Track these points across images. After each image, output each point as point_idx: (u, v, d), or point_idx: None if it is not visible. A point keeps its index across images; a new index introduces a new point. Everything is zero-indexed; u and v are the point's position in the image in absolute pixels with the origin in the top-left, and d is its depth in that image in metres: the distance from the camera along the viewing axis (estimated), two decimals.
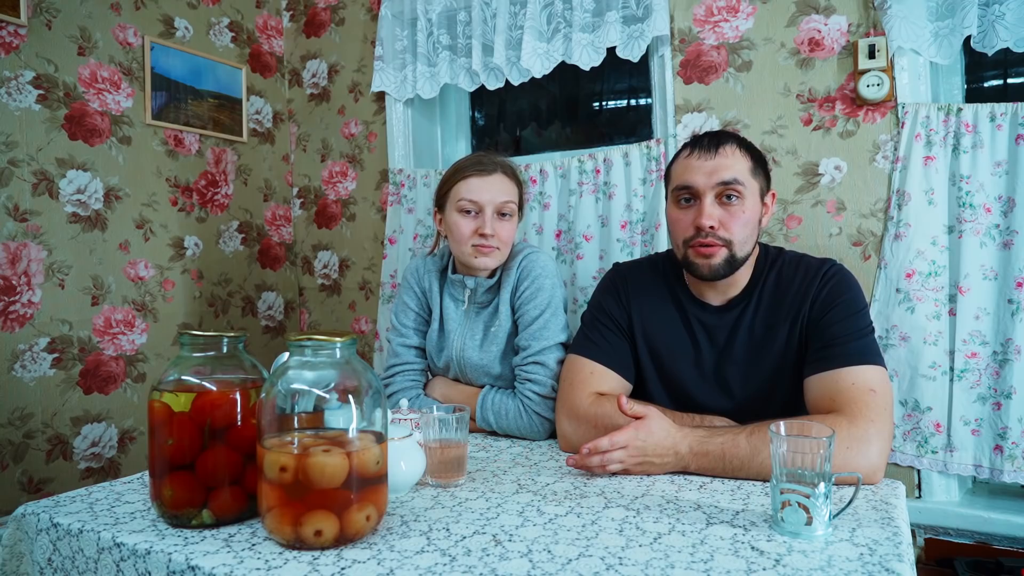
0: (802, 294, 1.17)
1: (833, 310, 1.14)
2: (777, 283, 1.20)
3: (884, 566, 0.72)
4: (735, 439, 1.03)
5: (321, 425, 0.81)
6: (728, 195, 1.14)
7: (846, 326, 1.12)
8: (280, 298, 2.51)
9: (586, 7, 1.87)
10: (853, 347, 1.10)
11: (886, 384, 1.08)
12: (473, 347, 1.41)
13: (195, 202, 2.21)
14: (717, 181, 1.14)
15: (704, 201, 1.15)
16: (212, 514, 0.85)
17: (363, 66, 2.36)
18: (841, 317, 1.13)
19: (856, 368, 1.08)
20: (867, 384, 1.06)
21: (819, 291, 1.16)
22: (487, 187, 1.38)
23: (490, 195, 1.37)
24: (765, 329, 1.19)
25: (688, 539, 0.79)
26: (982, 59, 1.61)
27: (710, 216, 1.14)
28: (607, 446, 1.04)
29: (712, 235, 1.14)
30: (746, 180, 1.15)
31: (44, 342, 1.82)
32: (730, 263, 1.15)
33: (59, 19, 1.86)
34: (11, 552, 0.94)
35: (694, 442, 1.04)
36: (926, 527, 1.57)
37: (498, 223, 1.37)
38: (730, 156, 1.15)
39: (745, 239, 1.16)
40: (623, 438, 1.04)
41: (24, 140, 1.79)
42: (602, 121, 2.18)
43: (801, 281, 1.18)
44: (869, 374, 1.07)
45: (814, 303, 1.16)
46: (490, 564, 0.73)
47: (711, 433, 1.05)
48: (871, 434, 1.01)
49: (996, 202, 1.50)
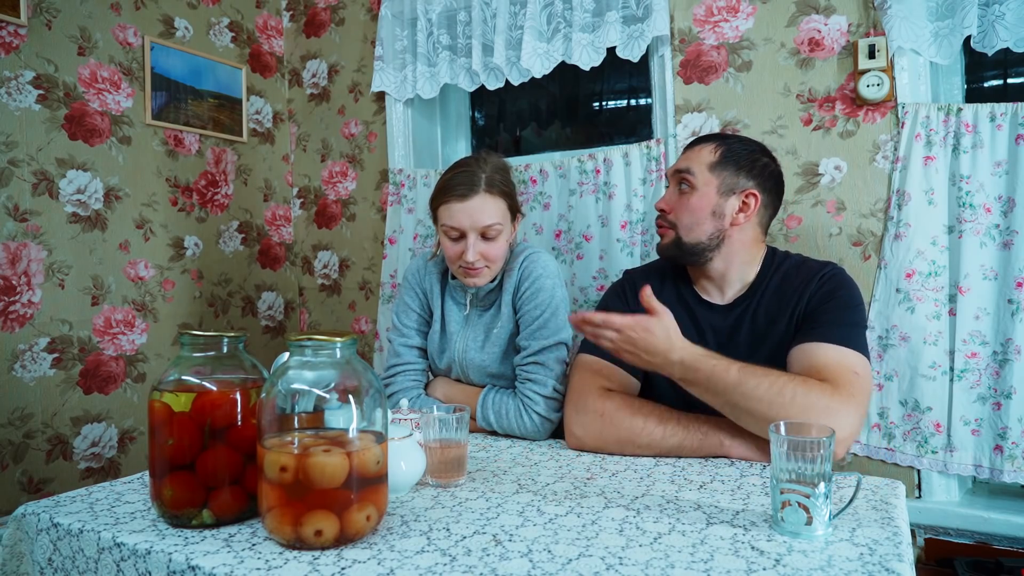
0: (800, 290, 1.21)
1: (828, 302, 1.17)
2: (780, 282, 1.25)
3: (884, 566, 0.72)
4: (728, 367, 1.06)
5: (321, 425, 0.80)
6: (680, 183, 1.28)
7: (838, 314, 1.15)
8: (280, 298, 2.51)
9: (586, 7, 1.87)
10: (842, 330, 1.12)
11: (868, 375, 1.10)
12: (475, 348, 1.41)
13: (195, 202, 2.21)
14: (674, 169, 1.30)
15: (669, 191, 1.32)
16: (212, 514, 0.85)
17: (363, 66, 2.36)
18: (834, 308, 1.16)
19: (842, 348, 1.10)
20: (851, 366, 1.08)
21: (817, 288, 1.20)
22: (467, 212, 1.31)
23: (471, 220, 1.31)
24: (767, 323, 1.22)
25: (688, 539, 0.79)
26: (982, 59, 1.61)
27: (662, 200, 1.31)
28: (599, 322, 1.07)
29: (663, 217, 1.30)
30: (699, 172, 1.25)
31: (44, 342, 1.82)
32: (677, 245, 1.27)
33: (59, 19, 1.86)
34: (11, 552, 0.94)
35: (688, 356, 1.07)
36: (926, 527, 1.58)
37: (484, 245, 1.33)
38: (697, 151, 1.28)
39: (690, 225, 1.25)
40: (620, 322, 1.06)
41: (24, 140, 1.79)
42: (602, 121, 2.18)
43: (801, 279, 1.23)
44: (853, 358, 1.09)
45: (811, 298, 1.20)
46: (490, 564, 0.73)
47: (708, 355, 1.08)
48: (851, 407, 1.02)
49: (996, 202, 1.50)
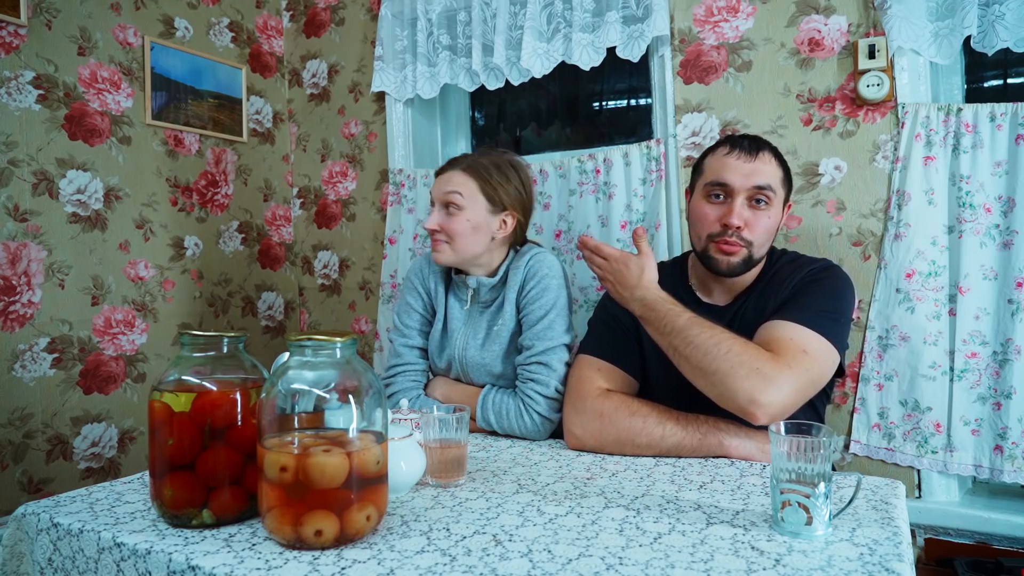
0: (790, 282, 1.21)
1: (807, 288, 1.17)
2: (774, 277, 1.25)
3: (884, 566, 0.72)
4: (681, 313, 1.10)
5: (321, 425, 0.81)
6: (759, 199, 1.20)
7: (813, 300, 1.14)
8: (280, 298, 2.51)
9: (586, 7, 1.87)
10: (809, 315, 1.11)
11: (822, 357, 1.08)
12: (475, 346, 1.41)
13: (195, 202, 2.21)
14: (753, 184, 1.19)
15: (736, 201, 1.20)
16: (212, 514, 0.85)
17: (363, 66, 2.36)
18: (811, 294, 1.16)
19: (801, 327, 1.08)
20: (802, 343, 1.06)
21: (802, 279, 1.20)
22: (439, 184, 1.39)
23: (438, 190, 1.37)
24: (756, 315, 1.22)
25: (688, 539, 0.79)
26: (982, 59, 1.61)
27: (739, 216, 1.19)
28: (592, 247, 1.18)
29: (737, 235, 1.19)
30: (777, 188, 1.21)
31: (44, 342, 1.82)
32: (747, 263, 1.22)
33: (59, 19, 1.86)
34: (11, 552, 0.94)
35: (650, 296, 1.13)
36: (926, 527, 1.58)
37: (444, 217, 1.36)
38: (767, 163, 1.21)
39: (763, 243, 1.22)
40: (608, 251, 1.17)
41: (24, 140, 1.79)
42: (602, 121, 2.18)
43: (791, 273, 1.23)
44: (810, 337, 1.07)
45: (794, 286, 1.20)
46: (490, 564, 0.73)
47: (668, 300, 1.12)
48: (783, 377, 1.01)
49: (996, 202, 1.50)
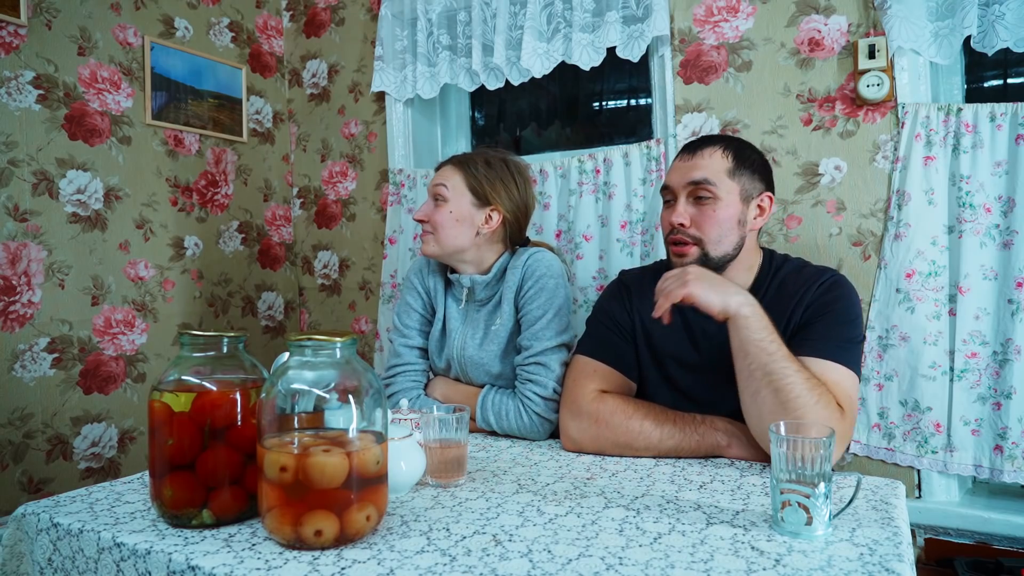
0: (797, 298, 1.18)
1: (825, 315, 1.14)
2: (779, 288, 1.21)
3: (884, 566, 0.72)
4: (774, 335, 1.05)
5: (321, 425, 0.80)
6: (699, 195, 1.18)
7: (832, 329, 1.13)
8: (280, 298, 2.51)
9: (586, 7, 1.87)
10: (833, 345, 1.10)
11: (854, 392, 1.09)
12: (473, 345, 1.41)
13: (195, 202, 2.21)
14: (688, 180, 1.19)
15: (679, 200, 1.20)
16: (212, 514, 0.85)
17: (363, 66, 2.36)
18: (830, 322, 1.13)
19: (829, 363, 1.08)
20: (848, 389, 1.07)
21: (815, 297, 1.17)
22: (434, 178, 1.43)
23: (430, 183, 1.43)
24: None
25: (688, 539, 0.79)
26: (982, 59, 1.61)
27: (680, 214, 1.19)
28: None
29: (683, 232, 1.19)
30: (719, 180, 1.18)
31: (44, 342, 1.82)
32: (703, 261, 1.18)
33: (59, 19, 1.86)
34: (11, 552, 0.94)
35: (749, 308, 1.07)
36: (926, 527, 1.57)
37: (432, 209, 1.40)
38: (707, 158, 1.19)
39: (719, 238, 1.18)
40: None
41: (24, 140, 1.79)
42: (602, 121, 2.18)
43: (799, 286, 1.19)
44: (850, 381, 1.08)
45: (808, 308, 1.16)
46: (490, 564, 0.73)
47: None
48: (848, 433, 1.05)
49: (996, 202, 1.50)
